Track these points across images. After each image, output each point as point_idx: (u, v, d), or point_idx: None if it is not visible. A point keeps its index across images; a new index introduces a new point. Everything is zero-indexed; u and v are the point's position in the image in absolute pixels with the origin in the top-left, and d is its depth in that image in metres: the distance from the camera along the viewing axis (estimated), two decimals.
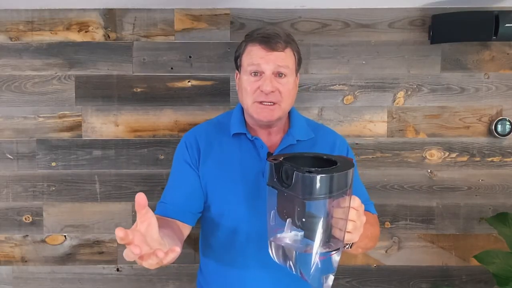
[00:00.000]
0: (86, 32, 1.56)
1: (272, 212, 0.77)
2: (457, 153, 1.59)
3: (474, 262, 1.50)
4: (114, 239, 1.60)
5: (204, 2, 1.51)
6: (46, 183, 1.58)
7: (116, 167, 1.58)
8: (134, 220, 1.58)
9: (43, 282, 1.61)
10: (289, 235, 0.75)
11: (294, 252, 0.74)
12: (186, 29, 1.57)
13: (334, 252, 0.74)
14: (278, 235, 0.77)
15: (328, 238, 0.72)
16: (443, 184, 1.60)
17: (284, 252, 0.76)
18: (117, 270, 1.61)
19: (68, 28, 1.56)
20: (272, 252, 0.78)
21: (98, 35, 1.56)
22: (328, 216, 0.71)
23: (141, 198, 0.68)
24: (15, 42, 1.56)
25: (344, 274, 1.62)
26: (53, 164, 1.58)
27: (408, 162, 1.59)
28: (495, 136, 1.57)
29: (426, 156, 1.59)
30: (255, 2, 1.50)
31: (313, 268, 0.72)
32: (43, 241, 1.60)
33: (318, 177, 0.67)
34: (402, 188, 1.60)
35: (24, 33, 1.56)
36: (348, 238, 0.76)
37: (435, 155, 1.59)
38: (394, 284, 1.62)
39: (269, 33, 1.04)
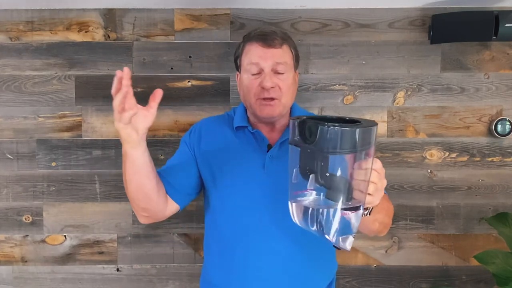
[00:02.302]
0: (86, 32, 1.56)
1: (294, 170, 0.76)
2: (457, 153, 1.59)
3: (474, 262, 1.50)
4: (114, 239, 1.60)
5: (204, 2, 1.51)
6: (46, 183, 1.58)
7: (116, 167, 1.58)
8: (134, 220, 1.58)
9: (43, 282, 1.61)
10: (310, 198, 0.75)
11: (316, 209, 0.74)
12: (186, 29, 1.57)
13: (353, 211, 0.73)
14: (299, 199, 0.77)
15: (350, 197, 0.72)
16: (443, 184, 1.60)
17: (305, 211, 0.76)
18: (117, 270, 1.61)
19: (68, 28, 1.56)
20: (293, 212, 0.78)
21: (98, 35, 1.56)
22: (351, 173, 0.71)
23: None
24: (15, 42, 1.55)
25: (344, 274, 1.61)
26: (53, 164, 1.58)
27: (408, 162, 1.59)
28: (495, 136, 1.57)
29: (426, 156, 1.59)
30: (255, 2, 1.50)
31: (334, 225, 0.72)
32: (43, 241, 1.60)
33: (342, 130, 0.68)
34: (402, 188, 1.60)
35: (24, 33, 1.55)
36: (369, 200, 0.75)
37: (435, 155, 1.59)
38: (394, 284, 1.62)
39: (266, 31, 1.09)
